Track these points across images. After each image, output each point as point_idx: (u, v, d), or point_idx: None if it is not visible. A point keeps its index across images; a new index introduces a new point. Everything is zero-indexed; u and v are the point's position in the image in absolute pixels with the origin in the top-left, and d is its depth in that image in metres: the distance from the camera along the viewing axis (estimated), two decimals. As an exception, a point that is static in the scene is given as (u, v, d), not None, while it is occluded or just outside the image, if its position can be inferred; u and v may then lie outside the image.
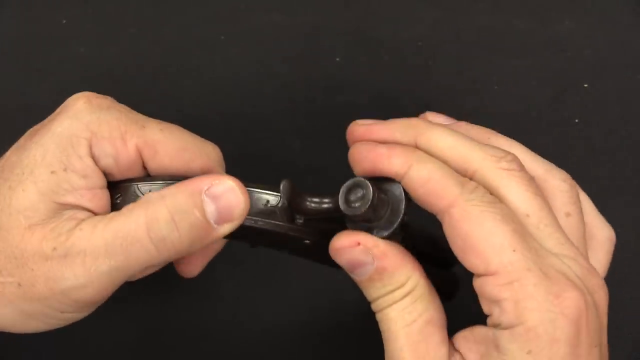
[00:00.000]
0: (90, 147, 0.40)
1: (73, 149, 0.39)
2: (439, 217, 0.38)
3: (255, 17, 0.70)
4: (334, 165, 0.64)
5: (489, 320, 0.37)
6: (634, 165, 0.63)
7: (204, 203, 0.38)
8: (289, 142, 0.63)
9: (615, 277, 0.58)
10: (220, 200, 0.38)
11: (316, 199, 0.40)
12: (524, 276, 0.35)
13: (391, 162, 0.39)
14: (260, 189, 0.41)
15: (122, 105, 0.44)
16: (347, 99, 0.66)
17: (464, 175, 0.39)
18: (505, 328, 0.36)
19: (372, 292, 0.40)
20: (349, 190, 0.39)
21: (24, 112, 0.66)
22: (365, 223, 0.39)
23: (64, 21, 0.70)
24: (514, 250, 0.35)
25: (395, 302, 0.39)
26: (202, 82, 0.67)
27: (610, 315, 0.57)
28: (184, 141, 0.43)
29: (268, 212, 0.41)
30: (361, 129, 0.42)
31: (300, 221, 0.41)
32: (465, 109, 0.66)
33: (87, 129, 0.40)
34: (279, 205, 0.41)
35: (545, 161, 0.44)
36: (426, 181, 0.38)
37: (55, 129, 0.41)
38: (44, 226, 0.38)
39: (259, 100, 0.66)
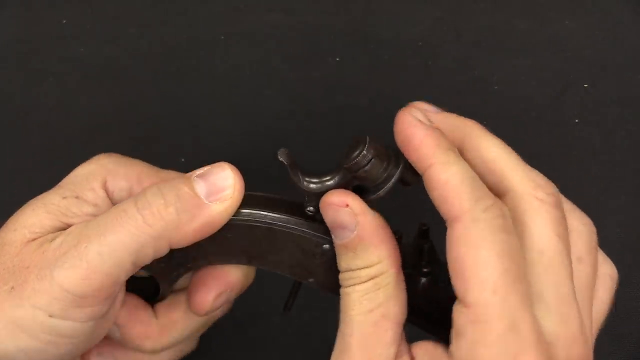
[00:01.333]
0: (105, 182, 0.42)
1: (87, 182, 0.41)
2: (446, 220, 0.37)
3: (255, 17, 0.70)
4: (334, 165, 0.64)
5: (450, 345, 0.36)
6: (634, 165, 0.63)
7: (193, 182, 0.38)
8: (289, 142, 0.63)
9: (615, 277, 0.59)
10: (209, 177, 0.39)
11: (325, 177, 0.40)
12: (492, 322, 0.33)
13: (419, 149, 0.38)
14: (281, 198, 0.41)
15: (142, 161, 0.45)
16: (347, 99, 0.66)
17: (497, 192, 0.37)
18: None
19: (343, 260, 0.38)
20: (351, 146, 0.39)
21: (24, 112, 0.66)
22: (364, 183, 0.39)
23: (64, 21, 0.70)
24: (494, 292, 0.33)
25: (359, 282, 0.38)
26: (202, 82, 0.67)
27: (610, 315, 0.57)
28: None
29: (284, 209, 0.41)
30: (417, 111, 0.41)
31: (311, 209, 0.40)
32: (465, 109, 0.66)
33: (103, 169, 0.42)
34: (290, 200, 0.41)
35: (569, 202, 0.42)
36: (443, 185, 0.36)
37: (75, 172, 0.43)
38: (46, 237, 0.39)
39: (259, 100, 0.66)
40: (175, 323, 0.44)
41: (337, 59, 0.68)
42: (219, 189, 0.38)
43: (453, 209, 0.35)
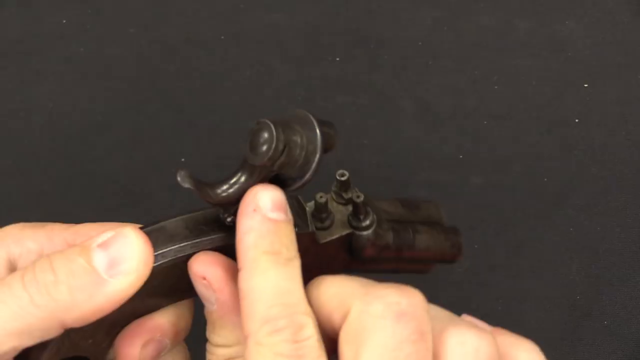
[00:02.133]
0: (8, 250, 0.37)
1: None
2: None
3: (255, 17, 0.70)
4: (333, 166, 0.64)
5: None
6: (634, 165, 0.63)
7: (92, 251, 0.32)
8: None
9: (615, 277, 0.59)
10: (110, 246, 0.32)
11: (230, 180, 0.34)
12: None
13: (238, 244, 0.33)
14: (176, 217, 0.36)
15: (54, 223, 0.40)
16: (347, 99, 0.66)
17: (343, 312, 0.32)
18: None
19: (207, 330, 0.35)
20: (253, 138, 0.33)
21: (24, 112, 0.66)
22: (280, 171, 0.34)
23: (64, 21, 0.70)
24: None
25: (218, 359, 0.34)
26: (202, 82, 0.67)
27: (610, 315, 0.57)
28: (120, 224, 0.38)
29: (195, 234, 0.35)
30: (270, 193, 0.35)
31: (230, 219, 0.35)
32: (465, 109, 0.66)
33: (8, 234, 0.38)
34: (204, 215, 0.35)
35: (447, 313, 0.34)
36: (243, 295, 0.32)
37: None
38: None
39: (259, 100, 0.66)
40: None
41: (337, 59, 0.68)
42: (120, 261, 0.32)
43: (244, 328, 0.31)
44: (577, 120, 0.65)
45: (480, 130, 0.65)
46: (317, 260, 0.38)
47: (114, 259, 0.32)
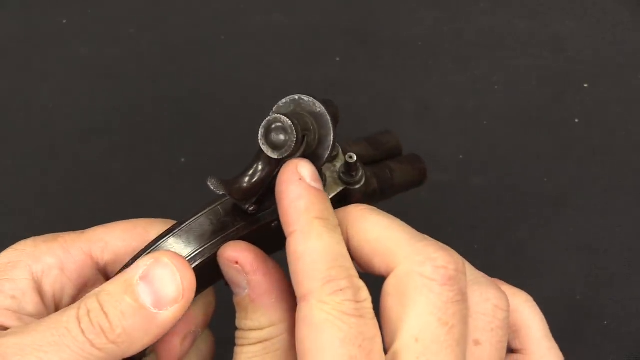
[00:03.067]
0: (30, 268, 0.38)
1: (4, 272, 0.37)
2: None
3: (255, 17, 0.70)
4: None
5: None
6: (634, 165, 0.63)
7: (137, 287, 0.33)
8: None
9: (615, 277, 0.59)
10: (153, 281, 0.33)
11: (248, 172, 0.36)
12: None
13: (286, 211, 0.34)
14: (199, 214, 0.38)
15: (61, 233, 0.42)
16: (347, 99, 0.66)
17: (388, 270, 0.34)
18: None
19: (237, 318, 0.36)
20: (268, 132, 0.35)
21: (24, 112, 0.66)
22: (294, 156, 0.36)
23: (64, 21, 0.70)
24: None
25: (248, 344, 0.35)
26: (202, 82, 0.67)
27: (610, 315, 0.57)
28: (129, 221, 0.40)
29: (220, 227, 0.37)
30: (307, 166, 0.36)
31: (252, 208, 0.37)
32: (465, 109, 0.66)
33: (23, 254, 0.38)
34: (222, 207, 0.37)
35: (479, 273, 0.38)
36: (297, 258, 0.33)
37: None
38: None
39: (259, 100, 0.66)
40: None
41: (337, 59, 0.68)
42: (166, 293, 0.33)
43: (301, 287, 0.32)
44: (577, 120, 0.65)
45: (480, 130, 0.65)
46: None
47: (159, 292, 0.33)
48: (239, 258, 0.35)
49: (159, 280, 0.33)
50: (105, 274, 0.39)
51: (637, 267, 0.59)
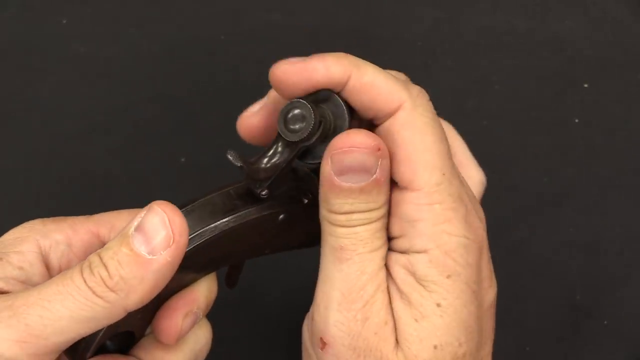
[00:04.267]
0: (37, 243, 0.40)
1: (13, 246, 0.39)
2: (379, 122, 0.38)
3: (255, 17, 0.70)
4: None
5: (396, 244, 0.37)
6: (634, 165, 0.63)
7: (132, 238, 0.35)
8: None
9: (615, 277, 0.59)
10: (145, 228, 0.35)
11: (268, 153, 0.38)
12: (446, 200, 0.36)
13: (329, 72, 0.37)
14: (211, 194, 0.39)
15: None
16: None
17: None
18: (419, 252, 0.36)
19: (350, 204, 0.36)
20: (286, 117, 0.37)
21: (24, 112, 0.66)
22: (309, 145, 0.37)
23: (64, 21, 0.70)
24: (443, 174, 0.36)
25: (371, 221, 0.37)
26: (202, 82, 0.67)
27: (610, 315, 0.57)
28: (138, 209, 0.40)
29: (231, 208, 0.39)
30: (295, 67, 0.38)
31: (265, 192, 0.38)
32: (465, 109, 0.66)
33: (31, 230, 0.40)
34: (235, 190, 0.39)
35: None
36: (370, 86, 0.37)
37: (1, 238, 0.41)
38: None
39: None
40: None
41: (337, 59, 0.68)
42: (158, 237, 0.35)
43: (392, 101, 0.37)
44: (577, 120, 0.65)
45: (480, 130, 0.65)
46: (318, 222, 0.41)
47: (151, 238, 0.35)
48: (380, 145, 0.36)
49: (151, 227, 0.35)
50: None
51: (637, 267, 0.59)
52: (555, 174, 0.63)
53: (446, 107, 0.68)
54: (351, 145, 0.36)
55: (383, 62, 0.69)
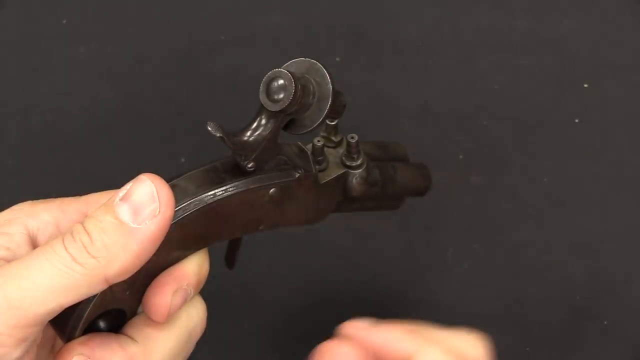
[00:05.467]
0: (25, 225, 0.39)
1: (1, 228, 0.39)
2: None
3: (255, 17, 0.70)
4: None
5: None
6: (634, 165, 0.63)
7: (117, 207, 0.34)
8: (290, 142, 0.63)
9: (615, 278, 0.59)
10: (131, 197, 0.34)
11: (251, 126, 0.38)
12: None
13: (401, 343, 0.38)
14: (198, 169, 0.39)
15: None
16: (347, 99, 0.66)
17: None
18: None
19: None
20: (268, 87, 0.37)
21: (24, 112, 0.66)
22: (294, 115, 0.38)
23: (64, 21, 0.70)
24: None
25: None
26: (202, 82, 0.67)
27: (610, 316, 0.57)
28: None
29: (218, 181, 0.38)
30: (357, 331, 0.40)
31: (251, 165, 0.38)
32: (465, 109, 0.66)
33: (20, 212, 0.40)
34: (222, 163, 0.39)
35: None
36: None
37: None
38: None
39: (259, 100, 0.66)
40: (156, 339, 0.41)
41: (337, 59, 0.68)
42: (144, 207, 0.34)
43: None
44: (577, 120, 0.65)
45: (480, 130, 0.65)
46: (317, 200, 0.42)
47: (137, 207, 0.34)
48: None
49: (137, 197, 0.34)
50: None
51: (637, 267, 0.59)
52: (555, 174, 0.63)
53: (446, 107, 0.68)
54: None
55: (383, 62, 0.69)
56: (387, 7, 0.71)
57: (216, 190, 0.38)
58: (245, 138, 0.38)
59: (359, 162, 0.43)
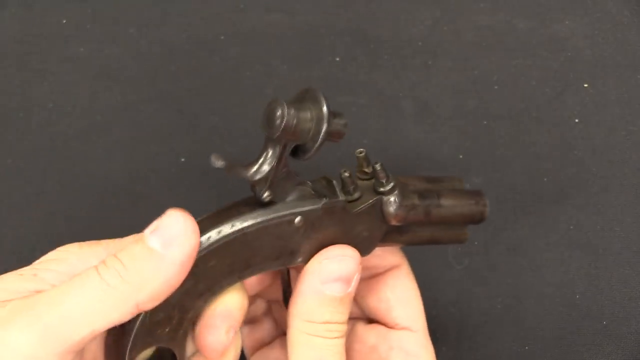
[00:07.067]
0: (73, 265, 0.41)
1: (48, 265, 0.40)
2: (378, 271, 0.47)
3: (255, 17, 0.70)
4: (334, 165, 0.64)
5: None
6: (634, 165, 0.63)
7: (146, 238, 0.37)
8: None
9: (615, 277, 0.59)
10: (161, 229, 0.37)
11: (260, 158, 0.40)
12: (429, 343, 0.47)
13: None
14: (223, 207, 0.41)
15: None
16: (347, 99, 0.66)
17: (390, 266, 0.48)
18: None
19: (327, 312, 0.41)
20: (268, 117, 0.39)
21: (24, 112, 0.66)
22: (297, 141, 0.39)
23: (64, 21, 0.70)
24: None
25: (343, 335, 0.41)
26: (202, 81, 0.67)
27: (610, 316, 0.57)
28: None
29: (235, 214, 0.40)
30: None
31: (266, 195, 0.40)
32: (465, 109, 0.66)
33: (69, 252, 0.41)
34: (247, 198, 0.41)
35: None
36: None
37: (39, 260, 0.42)
38: None
39: (259, 100, 0.66)
40: None
41: (337, 59, 0.68)
42: (171, 236, 0.37)
43: (394, 260, 0.47)
44: (577, 120, 0.65)
45: (480, 130, 0.65)
46: (353, 229, 0.42)
47: (165, 237, 0.37)
48: (360, 258, 0.42)
49: (166, 228, 0.37)
50: None
51: (637, 267, 0.59)
52: (555, 174, 0.63)
53: (446, 107, 0.68)
54: (342, 254, 0.41)
55: (383, 62, 0.69)
56: (387, 7, 0.71)
57: (234, 221, 0.40)
58: (255, 168, 0.40)
59: (389, 186, 0.43)
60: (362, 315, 0.49)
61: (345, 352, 0.41)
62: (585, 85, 0.67)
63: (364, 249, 0.43)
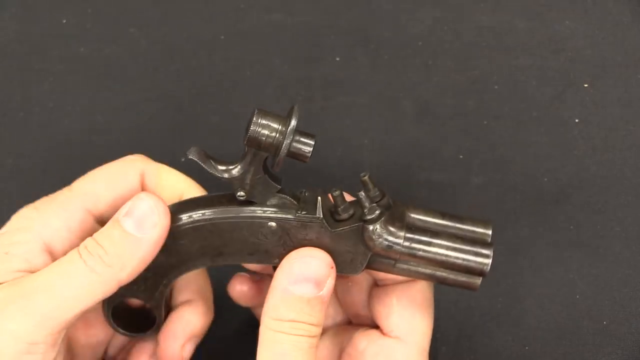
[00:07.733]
0: (40, 233, 0.43)
1: (15, 236, 0.43)
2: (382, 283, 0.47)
3: (255, 17, 0.70)
4: (334, 165, 0.64)
5: None
6: (634, 165, 0.63)
7: (121, 222, 0.41)
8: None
9: (615, 277, 0.59)
10: (134, 212, 0.41)
11: (242, 160, 0.42)
12: None
13: None
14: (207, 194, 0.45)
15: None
16: (347, 99, 0.66)
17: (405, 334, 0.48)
18: None
19: (292, 311, 0.41)
20: (247, 124, 0.42)
21: (24, 112, 0.66)
22: (268, 152, 0.41)
23: (64, 21, 0.70)
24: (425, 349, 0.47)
25: (311, 335, 0.41)
26: (202, 81, 0.67)
27: (610, 316, 0.57)
28: (104, 169, 0.47)
29: (209, 204, 0.43)
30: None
31: (240, 194, 0.42)
32: (465, 109, 0.66)
33: (29, 219, 0.44)
34: (227, 194, 0.43)
35: None
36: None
37: (5, 227, 0.44)
38: None
39: (259, 100, 0.66)
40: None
41: (337, 59, 0.68)
42: (144, 219, 0.41)
43: None
44: (577, 120, 0.65)
45: (480, 130, 0.65)
46: (334, 247, 0.43)
47: (139, 220, 0.40)
48: (333, 264, 0.42)
49: (139, 211, 0.41)
50: (102, 223, 0.44)
51: (637, 267, 0.59)
52: (555, 174, 0.63)
53: (446, 107, 0.68)
54: (311, 255, 0.42)
55: (383, 62, 0.69)
56: (387, 7, 0.71)
57: (206, 210, 0.43)
58: (225, 167, 0.42)
59: (372, 215, 0.42)
60: (370, 322, 0.49)
61: (316, 353, 0.42)
62: (585, 85, 0.67)
63: (348, 269, 0.43)
